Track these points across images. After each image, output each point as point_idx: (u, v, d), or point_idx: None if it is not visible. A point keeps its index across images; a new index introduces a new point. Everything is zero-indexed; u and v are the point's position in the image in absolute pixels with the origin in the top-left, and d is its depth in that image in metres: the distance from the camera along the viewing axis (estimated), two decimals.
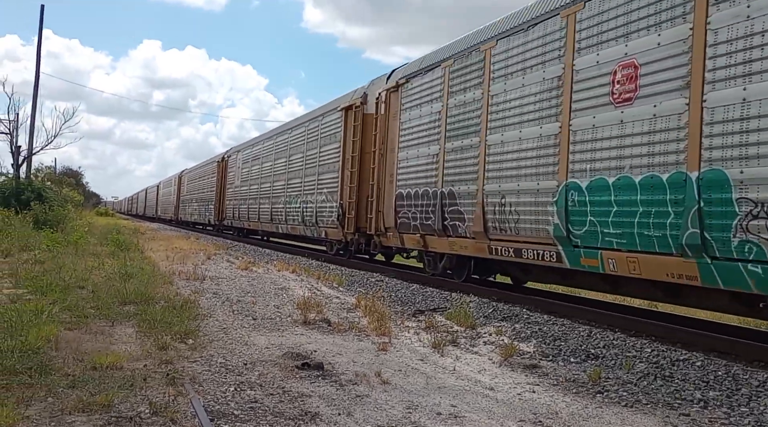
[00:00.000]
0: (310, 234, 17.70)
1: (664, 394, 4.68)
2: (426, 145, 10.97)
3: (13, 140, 28.04)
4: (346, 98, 15.44)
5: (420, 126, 11.22)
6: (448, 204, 10.13)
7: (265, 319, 6.83)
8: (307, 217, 17.33)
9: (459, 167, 9.96)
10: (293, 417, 3.65)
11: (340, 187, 14.98)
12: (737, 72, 5.65)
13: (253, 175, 24.02)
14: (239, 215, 25.63)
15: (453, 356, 5.72)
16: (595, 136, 7.21)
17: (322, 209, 16.13)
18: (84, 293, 7.42)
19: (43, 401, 3.60)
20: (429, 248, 10.89)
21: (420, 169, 11.13)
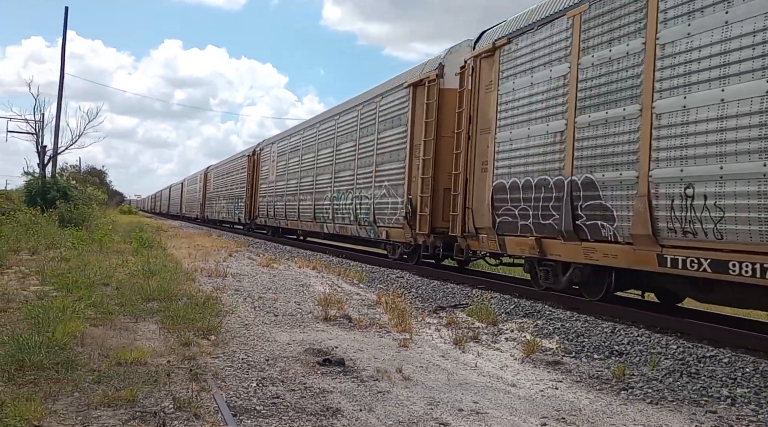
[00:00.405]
0: (365, 235, 15.07)
1: (690, 391, 4.61)
2: (541, 121, 8.40)
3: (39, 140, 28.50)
4: (415, 73, 12.82)
5: (531, 97, 8.62)
6: (583, 197, 7.54)
7: (287, 315, 6.86)
8: (361, 215, 14.82)
9: (602, 147, 7.36)
10: (315, 413, 3.66)
11: (407, 179, 12.51)
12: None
13: (291, 169, 21.60)
14: (275, 212, 23.31)
15: (474, 353, 5.69)
16: None
17: (382, 206, 13.71)
18: (108, 290, 7.52)
19: (70, 396, 3.66)
20: (548, 254, 8.34)
21: (532, 152, 8.53)
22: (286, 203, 21.80)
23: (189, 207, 50.57)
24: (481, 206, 9.74)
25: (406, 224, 12.47)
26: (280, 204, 22.64)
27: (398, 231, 13.04)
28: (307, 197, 19.40)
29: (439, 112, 11.73)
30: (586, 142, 7.62)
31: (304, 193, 19.83)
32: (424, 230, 11.83)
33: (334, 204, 16.88)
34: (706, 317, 7.62)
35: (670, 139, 6.46)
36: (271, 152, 24.87)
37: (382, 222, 13.81)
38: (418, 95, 12.42)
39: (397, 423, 3.60)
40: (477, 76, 10.19)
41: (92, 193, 33.18)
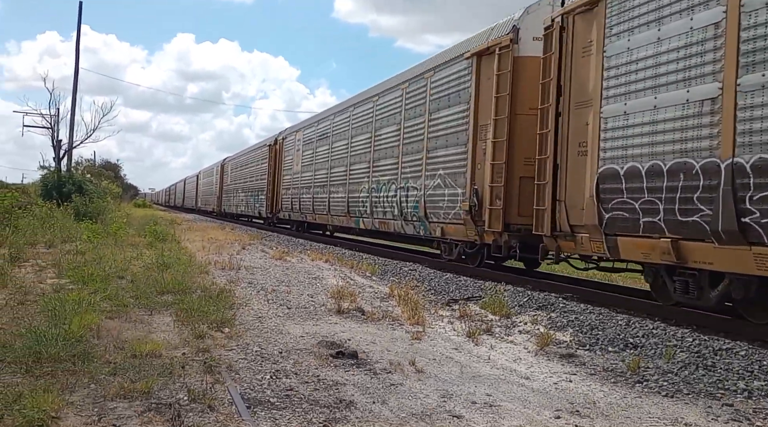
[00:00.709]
0: (412, 232, 13.13)
1: (706, 384, 4.57)
2: (677, 87, 6.49)
3: (55, 134, 28.75)
4: (479, 40, 10.84)
5: (658, 56, 6.74)
6: (756, 185, 5.60)
7: (300, 308, 6.89)
8: (408, 209, 12.87)
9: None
10: (328, 405, 3.67)
11: (470, 166, 10.51)
12: None
13: (319, 159, 19.60)
14: (300, 206, 21.29)
15: (488, 345, 5.68)
16: None
17: (436, 198, 11.67)
18: (123, 283, 7.58)
19: (86, 388, 3.69)
20: (689, 261, 6.39)
21: (661, 128, 6.65)
22: (313, 196, 19.83)
23: (205, 200, 48.99)
24: (579, 199, 7.76)
25: (469, 219, 10.41)
26: (306, 197, 20.65)
27: (457, 228, 10.98)
28: (339, 189, 17.37)
29: (514, 85, 9.74)
30: (758, 110, 5.63)
31: (335, 184, 17.83)
32: (495, 226, 9.82)
33: (372, 196, 14.87)
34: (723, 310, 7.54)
35: None
36: (295, 141, 22.78)
37: (435, 217, 11.75)
38: (484, 66, 10.44)
39: (411, 416, 3.60)
40: (569, 37, 8.20)
41: (107, 187, 33.46)
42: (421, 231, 12.62)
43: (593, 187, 7.51)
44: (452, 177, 11.20)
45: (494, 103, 10.01)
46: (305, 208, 20.84)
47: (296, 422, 3.36)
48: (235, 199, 35.03)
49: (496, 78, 10.01)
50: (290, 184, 22.85)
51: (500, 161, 9.87)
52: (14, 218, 14.46)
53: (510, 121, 9.80)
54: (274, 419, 3.38)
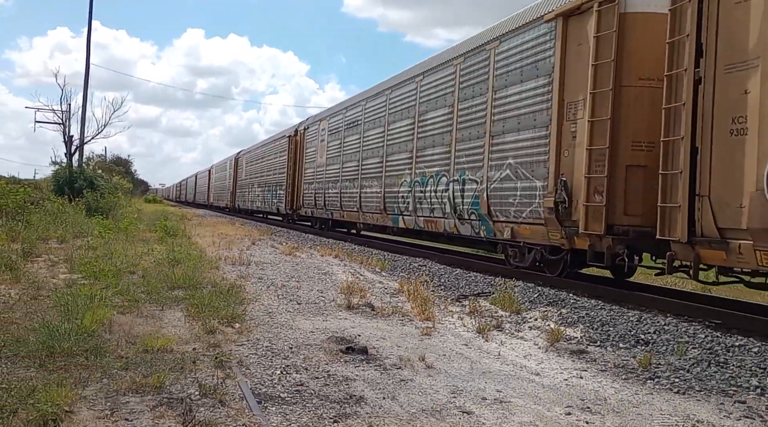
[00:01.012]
0: (468, 232, 11.06)
1: (718, 381, 4.54)
2: None
3: (66, 130, 28.90)
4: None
5: None
6: None
7: (310, 303, 6.90)
8: (464, 205, 10.91)
9: None
10: (338, 400, 3.68)
11: (554, 153, 8.51)
12: None
13: (347, 150, 17.58)
14: (325, 202, 19.30)
15: (498, 341, 5.67)
16: None
17: (504, 193, 9.72)
18: (134, 278, 7.63)
19: (99, 382, 3.72)
20: None
21: None
22: (341, 191, 17.87)
23: (218, 196, 46.73)
24: (735, 193, 5.93)
25: (553, 218, 8.46)
26: (332, 192, 18.68)
27: (534, 229, 9.01)
28: (373, 183, 15.43)
29: (620, 49, 7.79)
30: None
31: (367, 178, 15.87)
32: (594, 228, 7.82)
33: (416, 191, 12.88)
34: (736, 306, 7.48)
35: None
36: (319, 131, 20.68)
37: (503, 215, 9.74)
38: (574, 29, 8.49)
39: (421, 411, 3.60)
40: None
41: (118, 183, 33.65)
42: (482, 232, 10.47)
43: (764, 176, 5.65)
44: (527, 167, 9.12)
45: (592, 73, 8.00)
46: (331, 205, 18.84)
47: (307, 417, 3.37)
48: (250, 194, 32.91)
49: (595, 41, 8.01)
50: (313, 179, 20.81)
51: (601, 146, 7.79)
52: (27, 213, 14.58)
53: (615, 95, 7.76)
54: (285, 414, 3.40)
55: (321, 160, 20.10)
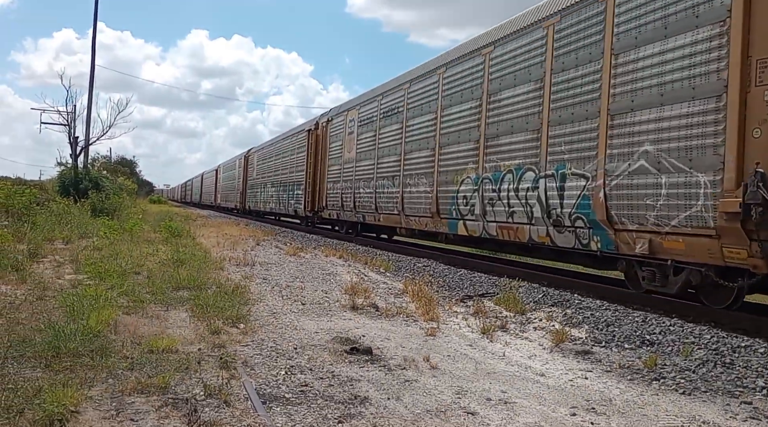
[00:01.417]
0: (570, 243, 8.43)
1: (724, 381, 4.53)
2: None
3: (72, 131, 29.02)
4: None
5: None
6: None
7: (314, 304, 6.91)
8: (564, 208, 8.45)
9: None
10: (343, 401, 3.68)
11: (736, 132, 5.93)
12: None
13: (385, 142, 15.02)
14: (355, 203, 16.69)
15: (502, 342, 5.66)
16: None
17: (636, 192, 7.14)
18: (140, 279, 7.65)
19: (105, 383, 3.73)
20: None
21: None
22: (375, 190, 15.34)
23: (226, 196, 44.35)
24: None
25: (736, 227, 5.90)
26: (365, 192, 16.06)
27: (695, 241, 6.45)
28: (421, 181, 12.97)
29: None
30: None
31: (412, 174, 13.38)
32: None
33: (484, 189, 10.46)
34: (741, 307, 7.45)
35: None
36: (346, 122, 18.16)
37: (633, 221, 7.21)
38: None
39: (425, 412, 3.60)
40: None
41: (123, 183, 33.75)
42: (595, 243, 7.93)
43: None
44: (680, 154, 6.60)
45: None
46: (363, 206, 16.21)
47: (311, 417, 3.38)
48: (262, 194, 30.50)
49: None
50: (339, 177, 18.11)
51: None
52: (32, 214, 14.63)
53: None
54: (290, 415, 3.40)
55: (349, 156, 17.43)
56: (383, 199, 14.91)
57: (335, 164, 18.85)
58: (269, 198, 28.64)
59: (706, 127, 6.35)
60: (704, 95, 6.40)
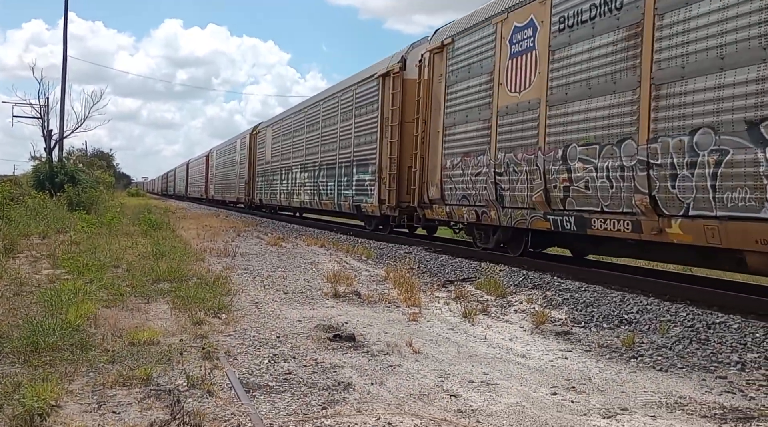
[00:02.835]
0: None
1: (700, 357, 4.62)
2: None
3: (45, 124, 28.50)
4: None
5: None
6: None
7: (296, 293, 6.91)
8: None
9: None
10: (327, 387, 3.70)
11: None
12: None
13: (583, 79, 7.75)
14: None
15: (484, 325, 5.72)
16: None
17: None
18: (119, 272, 7.58)
19: (85, 376, 3.71)
20: None
21: None
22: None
23: (222, 187, 38.09)
24: None
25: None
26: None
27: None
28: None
29: None
30: None
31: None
32: None
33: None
34: (716, 284, 7.60)
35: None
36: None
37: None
38: None
39: (408, 396, 3.63)
40: None
41: (100, 177, 33.28)
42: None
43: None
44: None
45: None
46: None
47: (295, 404, 3.39)
48: (286, 183, 22.68)
49: None
50: (473, 144, 10.11)
51: None
52: (7, 209, 14.39)
53: None
54: (273, 403, 3.41)
55: (508, 102, 9.22)
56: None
57: (458, 125, 10.73)
58: (299, 188, 20.97)
59: None
60: None
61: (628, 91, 7.08)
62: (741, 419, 3.41)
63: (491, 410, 3.44)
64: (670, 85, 6.52)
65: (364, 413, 3.30)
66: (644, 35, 6.88)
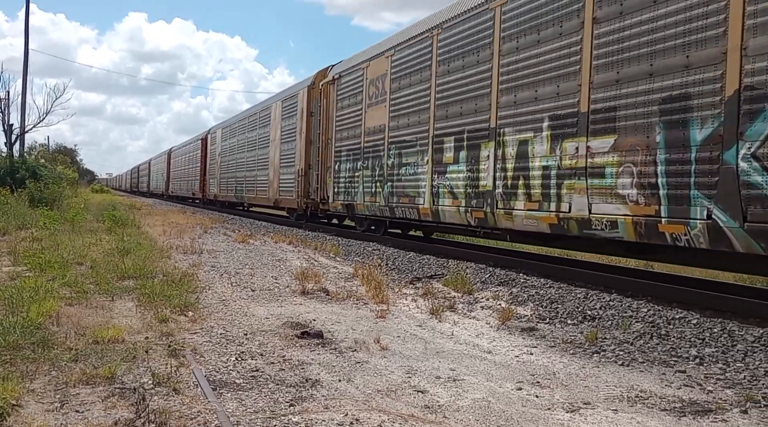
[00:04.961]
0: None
1: (660, 352, 4.75)
2: None
3: (5, 118, 27.76)
4: None
5: None
6: None
7: (264, 290, 6.88)
8: None
9: None
10: (294, 385, 3.70)
11: None
12: None
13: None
14: None
15: (451, 322, 5.77)
16: None
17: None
18: (83, 269, 7.44)
19: (47, 375, 3.64)
20: None
21: None
22: None
23: (224, 183, 28.26)
24: None
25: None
26: None
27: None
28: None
29: None
30: None
31: None
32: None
33: None
34: (676, 281, 7.80)
35: None
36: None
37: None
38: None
39: (376, 392, 3.65)
40: None
41: (62, 172, 32.54)
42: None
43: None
44: None
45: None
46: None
47: (262, 402, 3.38)
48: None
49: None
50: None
51: None
52: None
53: None
54: (240, 400, 3.40)
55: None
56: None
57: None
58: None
59: None
60: None
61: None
62: (699, 412, 3.52)
63: (458, 406, 3.48)
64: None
65: (331, 409, 3.31)
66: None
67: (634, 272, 8.83)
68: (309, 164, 17.50)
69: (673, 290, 6.79)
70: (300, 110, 18.65)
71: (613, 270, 8.81)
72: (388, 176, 12.17)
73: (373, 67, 13.06)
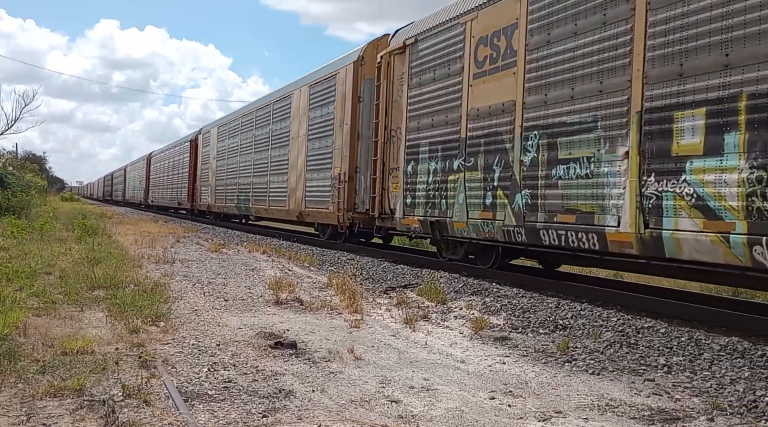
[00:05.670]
0: None
1: (629, 361, 4.82)
2: None
3: None
4: None
5: None
6: None
7: (237, 300, 6.82)
8: None
9: None
10: (267, 395, 3.68)
11: None
12: None
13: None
14: None
15: (424, 331, 5.80)
16: None
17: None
18: (51, 279, 7.30)
19: (14, 387, 3.57)
20: None
21: None
22: None
23: (229, 194, 21.79)
24: None
25: None
26: None
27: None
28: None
29: None
30: None
31: None
32: None
33: None
34: (646, 290, 7.94)
35: None
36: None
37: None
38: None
39: (350, 402, 3.65)
40: None
41: (31, 180, 31.88)
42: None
43: None
44: None
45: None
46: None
47: (235, 413, 3.36)
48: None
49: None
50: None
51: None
52: None
53: None
54: (213, 412, 3.37)
55: None
56: None
57: None
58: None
59: None
60: None
61: None
62: (668, 420, 3.58)
63: (431, 415, 3.49)
64: None
65: (305, 420, 3.30)
66: None
67: (605, 281, 8.96)
68: (356, 166, 13.50)
69: (642, 299, 6.91)
70: (340, 95, 14.48)
71: (585, 280, 8.94)
72: (523, 180, 8.08)
73: (485, 19, 9.00)
